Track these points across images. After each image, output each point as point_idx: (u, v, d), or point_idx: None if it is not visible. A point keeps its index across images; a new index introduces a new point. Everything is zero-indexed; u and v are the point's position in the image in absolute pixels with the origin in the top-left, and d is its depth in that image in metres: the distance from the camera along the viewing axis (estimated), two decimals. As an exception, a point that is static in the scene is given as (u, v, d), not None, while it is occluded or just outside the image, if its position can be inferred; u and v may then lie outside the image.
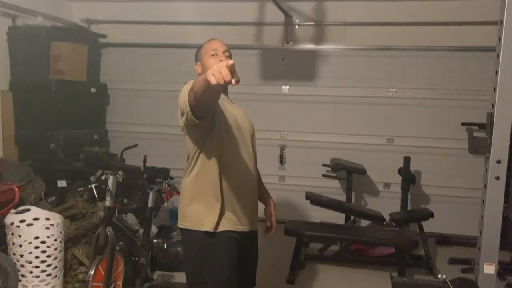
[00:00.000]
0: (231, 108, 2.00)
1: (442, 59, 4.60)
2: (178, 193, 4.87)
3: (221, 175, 1.90)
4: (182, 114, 1.79)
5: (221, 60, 1.93)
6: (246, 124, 2.05)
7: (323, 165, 4.62)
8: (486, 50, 4.32)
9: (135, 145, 4.40)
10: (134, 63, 5.25)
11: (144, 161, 4.47)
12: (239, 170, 1.97)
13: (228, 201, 1.92)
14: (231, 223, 1.92)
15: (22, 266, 2.85)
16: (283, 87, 4.97)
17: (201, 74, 2.04)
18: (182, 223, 1.99)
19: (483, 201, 1.97)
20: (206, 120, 1.78)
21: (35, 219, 2.91)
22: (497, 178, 1.90)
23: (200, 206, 1.92)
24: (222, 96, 1.94)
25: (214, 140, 1.88)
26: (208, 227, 1.88)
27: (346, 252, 4.08)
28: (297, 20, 4.84)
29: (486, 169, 1.90)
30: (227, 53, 2.03)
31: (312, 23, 4.83)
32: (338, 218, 4.49)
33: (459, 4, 4.48)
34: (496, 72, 1.79)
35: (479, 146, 1.92)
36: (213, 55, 2.00)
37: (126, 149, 4.35)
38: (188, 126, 1.84)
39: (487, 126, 1.95)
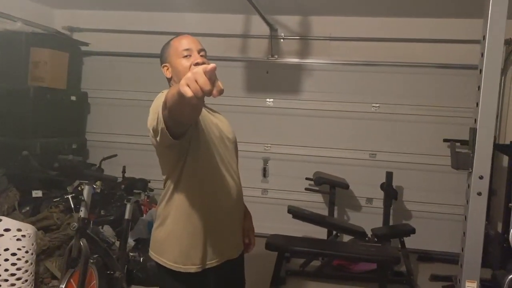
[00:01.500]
0: (212, 118, 1.75)
1: (424, 75, 4.64)
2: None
3: (205, 199, 1.64)
4: (155, 133, 1.49)
5: (197, 63, 1.64)
6: (229, 132, 1.81)
7: (306, 178, 4.59)
8: (467, 68, 4.39)
9: (115, 155, 4.31)
10: (116, 72, 5.18)
11: (123, 171, 4.39)
12: (225, 190, 1.70)
13: (214, 229, 1.67)
14: (218, 255, 1.69)
15: (-10, 279, 2.73)
16: (267, 100, 4.95)
17: (171, 78, 1.76)
18: (159, 258, 1.68)
19: (465, 217, 1.94)
20: (185, 138, 1.50)
21: (6, 230, 2.79)
22: (479, 194, 1.88)
23: (182, 240, 1.64)
24: None
25: (195, 158, 1.61)
26: (192, 267, 1.62)
27: (328, 268, 4.03)
28: (282, 34, 4.85)
29: (469, 185, 1.88)
30: (202, 53, 1.71)
31: (297, 37, 4.85)
32: (320, 232, 4.45)
33: (441, 22, 4.55)
34: (479, 88, 1.78)
35: (461, 162, 1.90)
36: (186, 56, 1.67)
37: (105, 159, 4.26)
38: (163, 145, 1.54)
39: (470, 142, 1.93)
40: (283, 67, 4.90)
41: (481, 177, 1.92)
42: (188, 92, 1.01)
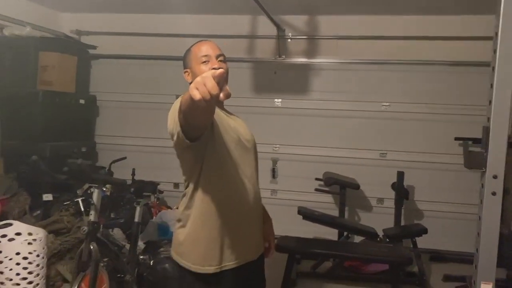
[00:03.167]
0: (230, 121, 1.77)
1: (435, 73, 4.59)
2: (167, 207, 4.79)
3: (224, 202, 1.67)
4: (172, 135, 1.55)
5: (213, 69, 1.65)
6: (248, 135, 1.83)
7: (316, 179, 4.56)
8: (479, 65, 4.33)
9: (124, 158, 4.32)
10: (124, 75, 5.19)
11: (133, 174, 4.39)
12: (243, 192, 1.72)
13: (232, 232, 1.69)
14: (236, 257, 1.70)
15: (1, 283, 2.74)
16: (275, 100, 4.93)
17: (191, 83, 1.80)
18: (179, 259, 1.73)
19: (479, 217, 1.90)
20: (200, 140, 1.53)
21: (17, 234, 2.81)
22: (494, 193, 1.83)
23: (202, 242, 1.67)
24: (217, 107, 1.66)
25: (213, 161, 1.64)
26: (210, 268, 1.66)
27: (339, 269, 3.99)
28: (290, 34, 4.83)
29: (482, 185, 1.83)
30: (221, 58, 1.75)
31: (304, 37, 4.82)
32: (331, 233, 4.42)
33: (452, 19, 4.49)
34: (492, 85, 1.73)
35: (474, 161, 1.86)
36: (205, 61, 1.72)
37: (114, 161, 4.27)
38: (180, 148, 1.59)
39: (482, 140, 1.89)
40: (291, 67, 4.88)
41: (495, 177, 1.87)
42: (197, 95, 1.05)
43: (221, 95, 1.07)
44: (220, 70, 1.08)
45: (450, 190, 4.59)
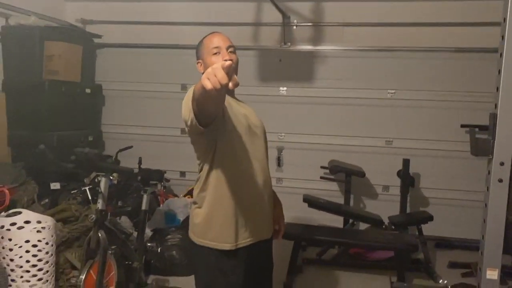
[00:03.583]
0: (240, 108, 1.86)
1: (441, 60, 4.55)
2: (174, 195, 4.83)
3: (236, 183, 1.77)
4: (186, 122, 1.65)
5: (225, 60, 1.77)
6: (257, 122, 1.94)
7: (321, 167, 4.57)
8: (486, 51, 4.29)
9: (130, 147, 4.34)
10: (130, 64, 5.19)
11: (139, 162, 4.41)
12: (254, 175, 1.82)
13: (245, 211, 1.79)
14: (250, 235, 1.81)
15: (12, 270, 2.78)
16: (281, 88, 4.91)
17: (203, 73, 1.90)
18: (196, 239, 1.84)
19: (485, 204, 1.90)
20: (212, 126, 1.64)
21: (26, 222, 2.84)
22: (500, 180, 1.83)
23: (217, 221, 1.78)
24: (229, 96, 1.82)
25: (224, 146, 1.74)
26: (227, 245, 1.77)
27: (345, 256, 4.02)
28: (295, 21, 4.78)
29: (489, 172, 1.83)
30: (231, 50, 1.85)
31: (310, 24, 4.78)
32: (336, 221, 4.44)
33: (458, 4, 4.44)
34: (499, 71, 1.72)
35: (481, 148, 1.85)
36: (216, 53, 1.82)
37: (121, 150, 4.29)
38: (194, 133, 1.70)
39: (489, 127, 1.88)
40: (296, 55, 4.85)
41: (502, 164, 1.87)
42: (208, 85, 1.17)
43: (230, 84, 1.18)
44: (229, 62, 1.19)
45: (455, 177, 4.58)
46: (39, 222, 2.86)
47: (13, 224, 2.80)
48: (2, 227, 2.80)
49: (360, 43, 4.69)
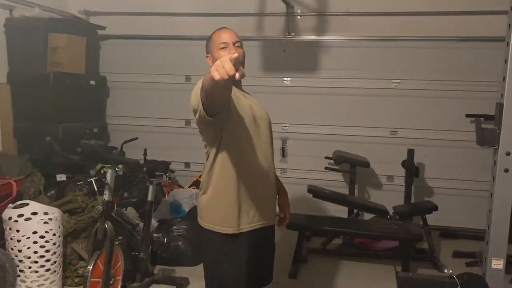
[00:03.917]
0: (245, 100, 1.94)
1: (446, 49, 4.51)
2: (179, 186, 4.85)
3: (240, 171, 1.85)
4: (194, 112, 1.74)
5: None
6: (262, 113, 2.01)
7: (326, 157, 4.56)
8: (492, 41, 4.25)
9: (135, 138, 4.35)
10: (134, 55, 5.18)
11: (145, 154, 4.43)
12: (257, 163, 1.91)
13: (248, 197, 1.88)
14: (253, 220, 1.90)
15: (20, 261, 2.81)
16: (285, 79, 4.90)
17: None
18: (202, 222, 1.94)
19: (491, 194, 1.91)
20: (219, 116, 1.73)
21: (33, 213, 2.86)
22: (506, 170, 1.84)
23: (221, 206, 1.88)
24: (235, 88, 1.89)
25: (230, 135, 1.83)
26: (230, 229, 1.86)
27: (349, 246, 4.04)
28: (299, 11, 4.75)
29: (495, 162, 1.83)
30: (238, 44, 1.94)
31: (314, 14, 4.75)
32: (341, 211, 4.45)
33: (464, -7, 4.39)
34: (506, 61, 1.71)
35: (487, 138, 1.85)
36: (223, 48, 1.91)
37: (126, 142, 4.31)
38: (202, 123, 1.78)
39: (495, 117, 1.88)
40: (300, 45, 4.83)
41: (508, 154, 1.87)
42: (217, 76, 1.26)
43: (237, 75, 1.26)
44: (236, 54, 1.28)
45: (460, 167, 4.58)
46: (46, 213, 2.89)
47: (20, 215, 2.83)
48: (10, 218, 2.82)
49: (365, 32, 4.65)
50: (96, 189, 2.97)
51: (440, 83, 4.54)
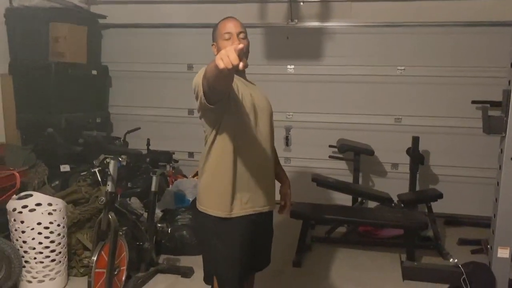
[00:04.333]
0: (246, 89, 1.96)
1: (452, 35, 4.45)
2: (183, 176, 4.85)
3: (236, 158, 1.89)
4: (196, 98, 1.78)
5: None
6: (263, 103, 2.02)
7: (330, 146, 4.54)
8: (498, 25, 4.18)
9: (138, 128, 4.34)
10: (136, 44, 5.14)
11: (148, 144, 4.42)
12: (254, 151, 1.95)
13: (243, 184, 1.92)
14: (246, 206, 1.93)
15: (25, 252, 2.82)
16: (288, 66, 4.85)
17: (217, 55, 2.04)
18: (198, 205, 2.01)
19: (497, 182, 1.88)
20: (219, 104, 1.76)
21: (38, 204, 2.86)
22: (513, 158, 1.80)
23: (215, 190, 1.92)
24: (237, 77, 1.91)
25: (228, 123, 1.86)
26: (222, 213, 1.90)
27: (353, 234, 4.03)
28: (302, -3, 4.69)
29: (502, 150, 1.80)
30: (241, 35, 1.95)
31: (317, 0, 4.68)
32: (345, 200, 4.44)
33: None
34: (514, 47, 1.67)
35: (494, 126, 1.82)
36: (227, 38, 1.93)
37: (129, 132, 4.30)
38: (202, 109, 1.83)
39: (503, 104, 1.84)
40: (303, 32, 4.77)
41: (515, 141, 1.84)
42: (221, 64, 1.31)
43: (240, 65, 1.31)
44: (241, 45, 1.34)
45: (465, 154, 4.54)
46: (50, 204, 2.89)
47: (24, 206, 2.83)
48: (14, 209, 2.83)
49: (369, 18, 4.59)
50: (100, 180, 2.96)
51: (445, 69, 4.48)
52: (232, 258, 1.91)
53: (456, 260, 2.09)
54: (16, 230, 2.82)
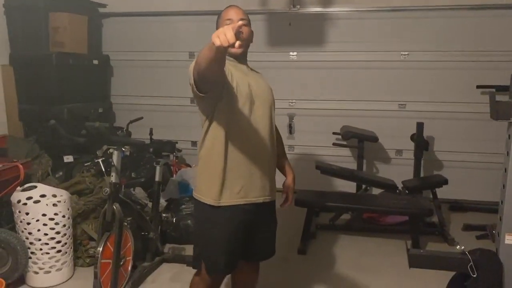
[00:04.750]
0: (244, 77, 1.94)
1: (456, 18, 4.38)
2: (187, 165, 4.84)
3: (227, 146, 1.89)
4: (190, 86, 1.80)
5: None
6: (263, 93, 2.00)
7: (333, 133, 4.52)
8: (503, 8, 4.12)
9: (141, 118, 4.33)
10: (136, 33, 5.10)
11: (151, 133, 4.41)
12: (249, 141, 1.93)
13: (234, 173, 1.91)
14: (237, 196, 1.92)
15: (31, 243, 2.83)
16: (291, 53, 4.80)
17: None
18: (194, 192, 2.05)
19: (505, 169, 1.85)
20: (211, 93, 1.78)
21: (42, 196, 2.86)
22: (521, 145, 1.77)
23: (206, 177, 1.95)
24: (237, 65, 1.94)
25: (221, 112, 1.86)
26: (212, 201, 1.92)
27: (358, 221, 4.04)
28: (304, -18, 4.63)
29: (509, 136, 1.77)
30: (244, 22, 1.92)
31: (319, -15, 4.62)
32: (349, 187, 4.43)
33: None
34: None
35: (502, 112, 1.79)
36: (228, 24, 1.90)
37: (131, 122, 4.29)
38: (195, 97, 1.85)
39: (510, 89, 1.81)
40: (306, 18, 4.71)
41: (523, 127, 1.81)
42: (217, 42, 1.33)
43: (236, 43, 1.34)
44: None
45: (470, 139, 4.51)
46: (54, 195, 2.89)
47: (29, 198, 2.83)
48: (19, 201, 2.83)
49: (372, 3, 4.52)
50: (103, 170, 2.95)
51: (449, 54, 4.43)
52: (219, 244, 1.93)
53: (463, 247, 2.08)
54: (21, 222, 2.82)
